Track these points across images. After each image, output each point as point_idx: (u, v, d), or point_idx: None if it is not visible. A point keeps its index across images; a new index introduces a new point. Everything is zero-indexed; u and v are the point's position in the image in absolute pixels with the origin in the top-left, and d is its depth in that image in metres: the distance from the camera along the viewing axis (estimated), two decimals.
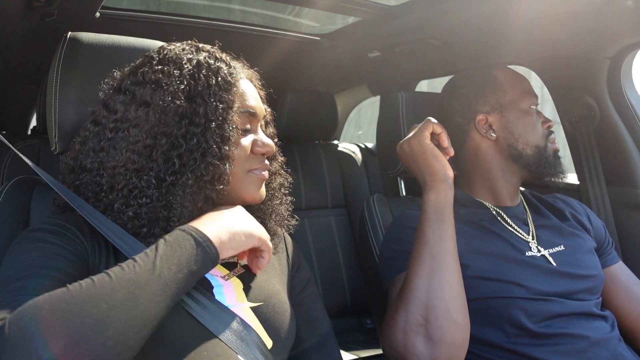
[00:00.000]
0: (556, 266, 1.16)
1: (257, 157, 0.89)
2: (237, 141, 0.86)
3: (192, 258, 0.72)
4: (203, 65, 0.85)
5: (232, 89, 0.85)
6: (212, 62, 0.86)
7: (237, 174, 0.86)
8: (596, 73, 1.49)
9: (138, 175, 0.80)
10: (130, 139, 0.81)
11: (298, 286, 1.02)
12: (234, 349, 0.79)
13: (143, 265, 0.67)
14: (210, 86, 0.83)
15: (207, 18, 1.78)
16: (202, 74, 0.83)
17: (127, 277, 0.65)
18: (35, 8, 1.24)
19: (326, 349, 0.97)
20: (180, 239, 0.73)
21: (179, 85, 0.82)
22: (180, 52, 0.87)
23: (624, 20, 1.29)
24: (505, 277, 1.11)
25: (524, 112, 1.27)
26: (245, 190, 0.88)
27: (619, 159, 1.52)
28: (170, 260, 0.70)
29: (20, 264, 0.72)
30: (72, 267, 0.74)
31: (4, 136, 0.95)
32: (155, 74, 0.84)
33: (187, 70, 0.84)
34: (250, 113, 0.88)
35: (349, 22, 1.82)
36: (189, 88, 0.82)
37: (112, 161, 0.82)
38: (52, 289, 0.64)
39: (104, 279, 0.64)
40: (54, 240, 0.77)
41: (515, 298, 1.07)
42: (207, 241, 0.75)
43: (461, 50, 1.79)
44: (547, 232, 1.25)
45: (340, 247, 2.10)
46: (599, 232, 1.34)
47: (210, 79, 0.83)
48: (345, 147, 2.39)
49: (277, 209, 0.99)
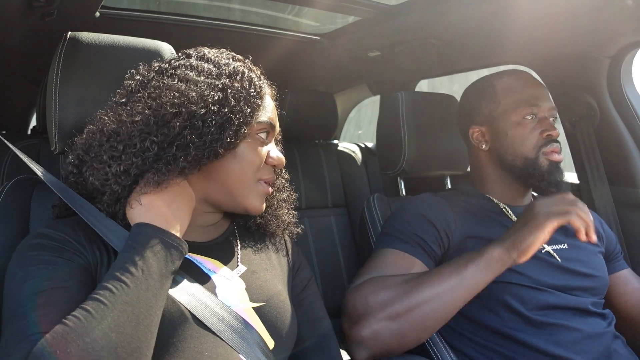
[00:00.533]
0: (560, 262, 1.18)
1: (268, 169, 0.93)
2: (254, 147, 0.89)
3: (168, 259, 0.77)
4: (239, 71, 0.89)
5: (258, 99, 0.89)
6: (245, 70, 0.90)
7: (248, 180, 0.90)
8: (596, 72, 1.49)
9: (142, 136, 0.82)
10: (153, 106, 0.82)
11: (298, 286, 1.02)
12: (236, 348, 0.79)
13: (131, 284, 0.71)
14: (243, 89, 0.87)
15: (207, 18, 1.78)
16: (237, 77, 0.88)
17: (122, 300, 0.69)
18: (35, 8, 1.24)
19: (326, 348, 0.97)
20: (150, 246, 0.76)
21: (214, 81, 0.86)
22: (218, 55, 0.92)
23: (624, 20, 1.29)
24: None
25: (515, 124, 1.25)
26: (249, 198, 0.91)
27: (619, 158, 1.52)
28: (151, 269, 0.74)
29: (25, 290, 0.72)
30: (79, 283, 0.75)
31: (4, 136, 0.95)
32: (198, 64, 0.88)
33: (224, 71, 0.88)
34: (271, 125, 0.92)
35: (349, 22, 1.82)
36: (223, 86, 0.85)
37: (126, 123, 0.83)
38: (64, 313, 0.67)
39: (100, 307, 0.67)
40: (57, 260, 0.76)
41: (510, 284, 1.10)
42: (172, 237, 0.79)
43: (461, 50, 1.79)
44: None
45: (341, 246, 2.09)
46: (611, 240, 1.35)
47: (245, 82, 0.88)
48: (345, 146, 2.39)
49: (283, 217, 1.03)
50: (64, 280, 0.74)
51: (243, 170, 0.89)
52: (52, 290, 0.72)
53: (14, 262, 0.78)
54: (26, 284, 0.73)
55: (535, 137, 1.24)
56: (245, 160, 0.88)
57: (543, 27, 1.44)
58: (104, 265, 0.80)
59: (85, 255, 0.79)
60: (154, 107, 0.82)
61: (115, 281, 0.70)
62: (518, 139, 1.25)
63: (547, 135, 1.23)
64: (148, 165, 0.81)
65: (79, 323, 0.65)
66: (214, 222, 0.97)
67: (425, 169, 1.59)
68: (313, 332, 0.98)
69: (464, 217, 1.24)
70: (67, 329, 0.64)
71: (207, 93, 0.83)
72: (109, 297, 0.68)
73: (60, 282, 0.73)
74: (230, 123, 0.83)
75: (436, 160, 1.58)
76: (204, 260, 0.89)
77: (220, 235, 0.97)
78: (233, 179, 0.89)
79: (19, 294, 0.72)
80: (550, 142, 1.23)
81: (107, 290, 0.69)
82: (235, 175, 0.89)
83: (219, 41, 0.97)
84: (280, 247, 1.04)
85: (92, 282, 0.78)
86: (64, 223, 0.83)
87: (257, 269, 0.94)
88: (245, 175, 0.89)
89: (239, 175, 0.89)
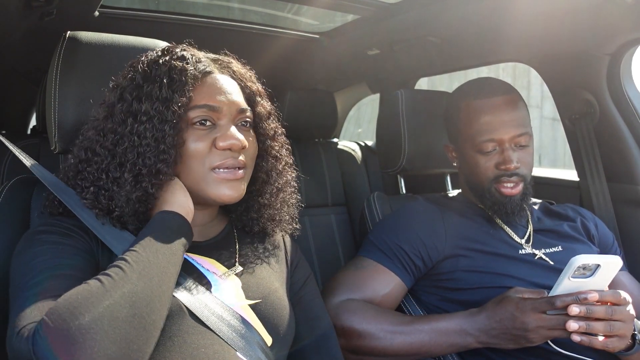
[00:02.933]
0: (553, 264, 1.19)
1: (221, 153, 0.86)
2: (194, 135, 0.85)
3: (175, 232, 0.79)
4: (157, 64, 0.85)
5: (186, 85, 0.84)
6: (168, 59, 0.86)
7: (198, 172, 0.86)
8: (596, 70, 1.49)
9: (90, 165, 0.85)
10: (87, 135, 0.87)
11: (297, 283, 1.02)
12: (233, 346, 0.79)
13: (142, 251, 0.73)
14: (157, 82, 0.83)
15: (206, 17, 1.77)
16: (153, 72, 0.85)
17: (141, 259, 0.71)
18: (34, 7, 1.24)
19: (325, 346, 0.97)
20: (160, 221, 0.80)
21: (128, 86, 0.85)
22: (149, 55, 0.89)
23: (624, 17, 1.28)
24: (495, 270, 1.16)
25: (474, 152, 1.24)
26: (208, 189, 0.87)
27: (618, 156, 1.52)
28: (159, 238, 0.76)
29: (36, 266, 0.73)
30: (86, 264, 0.77)
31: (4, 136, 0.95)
32: (121, 75, 0.89)
33: (140, 71, 0.85)
34: (209, 107, 0.86)
35: (348, 20, 1.82)
36: (137, 88, 0.84)
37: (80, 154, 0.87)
38: (74, 286, 0.67)
39: (119, 273, 0.68)
40: (64, 240, 0.79)
41: (504, 288, 1.10)
42: (175, 215, 0.81)
43: (460, 48, 1.79)
44: (545, 235, 1.28)
45: (341, 245, 2.10)
46: (606, 240, 1.36)
47: (159, 76, 0.84)
48: (345, 145, 2.39)
49: (276, 212, 0.99)
50: (71, 258, 0.76)
51: (188, 163, 0.85)
52: (60, 267, 0.73)
53: (20, 247, 0.80)
54: (35, 261, 0.74)
55: (490, 169, 1.22)
56: (187, 153, 0.85)
57: (542, 25, 1.44)
58: (105, 256, 0.82)
59: (89, 243, 0.82)
60: (87, 136, 0.88)
61: (128, 252, 0.72)
62: (474, 167, 1.25)
63: (502, 168, 1.21)
64: (110, 190, 0.83)
65: (100, 286, 0.66)
66: (210, 221, 0.97)
67: (425, 167, 1.59)
68: (312, 330, 0.98)
69: (456, 227, 1.25)
70: (89, 288, 0.65)
71: (119, 104, 0.85)
72: (124, 263, 0.70)
73: (68, 260, 0.75)
74: (152, 124, 0.81)
75: (436, 159, 1.58)
76: (201, 259, 0.89)
77: (217, 234, 0.97)
78: (184, 173, 0.86)
79: (29, 271, 0.73)
80: (502, 175, 1.21)
81: (121, 260, 0.71)
82: (185, 170, 0.86)
83: (218, 40, 0.97)
84: (278, 245, 1.04)
85: (96, 265, 0.80)
86: (67, 216, 0.85)
87: (254, 267, 0.94)
88: (192, 168, 0.86)
89: (187, 168, 0.86)
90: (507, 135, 1.20)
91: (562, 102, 1.62)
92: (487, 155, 1.22)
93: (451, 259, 1.20)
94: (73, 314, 0.61)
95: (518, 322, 0.97)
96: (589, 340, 0.93)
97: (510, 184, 1.21)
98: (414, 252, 1.20)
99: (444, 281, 1.21)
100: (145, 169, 0.81)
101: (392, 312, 1.16)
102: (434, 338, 1.06)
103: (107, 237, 0.81)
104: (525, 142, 1.22)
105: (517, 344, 1.00)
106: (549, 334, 0.97)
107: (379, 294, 1.18)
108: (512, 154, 1.20)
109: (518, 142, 1.21)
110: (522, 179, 1.22)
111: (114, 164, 0.82)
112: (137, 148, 0.81)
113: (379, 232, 1.27)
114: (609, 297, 0.94)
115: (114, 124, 0.84)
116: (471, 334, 1.04)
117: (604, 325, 0.93)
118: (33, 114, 2.61)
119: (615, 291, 0.96)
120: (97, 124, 0.86)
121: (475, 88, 1.28)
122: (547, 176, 1.85)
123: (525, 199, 1.24)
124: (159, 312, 0.69)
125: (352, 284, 1.19)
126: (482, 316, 1.04)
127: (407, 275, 1.20)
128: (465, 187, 1.37)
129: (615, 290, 0.96)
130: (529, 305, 0.97)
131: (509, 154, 1.20)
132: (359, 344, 1.09)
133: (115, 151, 0.83)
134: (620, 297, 0.95)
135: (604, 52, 1.44)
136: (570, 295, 0.94)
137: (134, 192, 0.81)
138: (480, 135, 1.21)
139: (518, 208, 1.23)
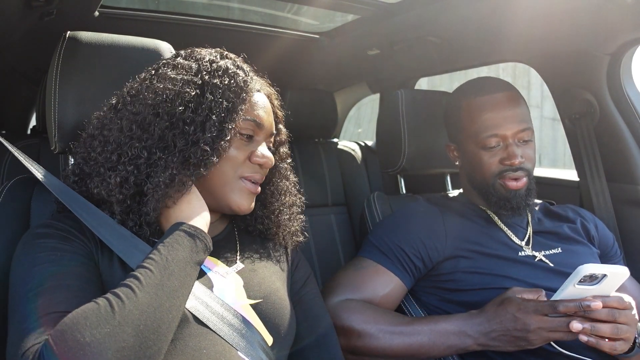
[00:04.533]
0: (553, 266, 1.20)
1: (252, 166, 0.91)
2: (236, 143, 0.88)
3: (192, 249, 0.78)
4: (221, 67, 0.88)
5: (242, 94, 0.87)
6: (230, 67, 0.89)
7: (228, 176, 0.88)
8: (596, 70, 1.49)
9: (130, 144, 0.82)
10: (134, 111, 0.84)
11: (297, 283, 1.02)
12: (235, 346, 0.79)
13: (156, 271, 0.72)
14: (222, 85, 0.85)
15: (206, 17, 1.78)
16: (218, 73, 0.87)
17: (148, 284, 0.70)
18: (34, 7, 1.24)
19: (326, 345, 0.97)
20: (176, 237, 0.78)
21: (192, 77, 0.85)
22: (205, 54, 0.91)
23: (624, 17, 1.28)
24: (495, 272, 1.17)
25: (477, 149, 1.25)
26: (232, 196, 0.89)
27: (618, 156, 1.52)
28: (176, 257, 0.75)
29: (36, 275, 0.73)
30: (85, 270, 0.77)
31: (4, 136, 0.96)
32: (176, 63, 0.88)
33: (204, 67, 0.87)
34: (256, 123, 0.90)
35: (348, 20, 1.82)
36: (201, 82, 0.85)
37: (114, 130, 0.85)
38: (75, 297, 0.68)
39: (129, 293, 0.68)
40: (63, 246, 0.78)
41: (504, 289, 1.10)
42: (198, 231, 0.80)
43: (460, 48, 1.79)
44: (544, 237, 1.29)
45: (341, 245, 2.10)
46: (606, 241, 1.36)
47: (224, 79, 0.86)
48: (345, 145, 2.39)
49: (285, 224, 1.02)
50: (70, 265, 0.75)
51: (222, 166, 0.87)
52: (60, 275, 0.73)
53: (19, 251, 0.79)
54: (34, 269, 0.74)
55: (494, 165, 1.23)
56: (226, 156, 0.87)
57: (543, 25, 1.44)
58: (105, 258, 0.81)
59: (88, 247, 0.81)
60: (134, 111, 0.83)
61: (142, 269, 0.72)
62: (478, 164, 1.25)
63: (507, 164, 1.21)
64: (143, 172, 0.81)
65: (109, 310, 0.65)
66: (214, 220, 0.97)
67: (425, 167, 1.59)
68: (313, 329, 0.98)
69: (457, 228, 1.25)
70: (97, 310, 0.65)
71: (183, 90, 0.83)
72: (136, 284, 0.69)
73: (67, 267, 0.75)
74: (211, 121, 0.83)
75: (436, 158, 1.58)
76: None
77: (219, 233, 0.97)
78: (214, 175, 0.87)
79: (29, 279, 0.73)
80: (507, 170, 1.22)
81: (134, 278, 0.70)
82: (216, 171, 0.87)
83: (219, 40, 0.97)
84: (279, 245, 1.04)
85: (96, 269, 0.79)
86: (66, 216, 0.85)
87: (255, 266, 0.94)
88: (225, 172, 0.88)
89: (218, 171, 0.87)
90: (510, 131, 1.21)
91: (562, 102, 1.62)
92: (491, 150, 1.23)
93: (451, 260, 1.20)
94: (77, 339, 0.62)
95: (519, 323, 0.97)
96: (596, 341, 0.93)
97: (516, 178, 1.22)
98: (413, 253, 1.20)
99: (444, 282, 1.21)
100: (194, 158, 0.82)
101: (391, 313, 1.16)
102: (432, 339, 1.06)
103: (108, 238, 0.81)
104: (528, 137, 1.23)
105: (517, 345, 1.00)
106: (549, 336, 0.97)
107: (379, 294, 1.18)
108: (516, 149, 1.21)
109: (521, 137, 1.22)
110: (526, 173, 1.23)
111: (160, 146, 0.82)
112: (191, 136, 0.82)
113: (379, 233, 1.27)
114: (613, 303, 0.95)
115: (172, 106, 0.83)
116: (470, 335, 1.04)
117: (611, 328, 0.93)
118: (33, 114, 2.62)
119: (620, 297, 0.97)
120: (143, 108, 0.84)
121: (475, 87, 1.29)
122: (547, 176, 1.85)
123: (529, 194, 1.25)
124: (165, 338, 0.69)
125: (351, 284, 1.19)
126: (482, 318, 1.04)
127: (407, 275, 1.21)
128: (467, 186, 1.37)
129: (619, 296, 0.97)
130: (531, 307, 0.97)
131: (513, 149, 1.21)
132: (358, 344, 1.09)
133: (165, 134, 0.82)
134: (625, 303, 0.96)
135: (604, 52, 1.44)
136: (574, 301, 0.94)
137: (179, 174, 0.81)
138: (484, 131, 1.22)
139: (523, 203, 1.23)
